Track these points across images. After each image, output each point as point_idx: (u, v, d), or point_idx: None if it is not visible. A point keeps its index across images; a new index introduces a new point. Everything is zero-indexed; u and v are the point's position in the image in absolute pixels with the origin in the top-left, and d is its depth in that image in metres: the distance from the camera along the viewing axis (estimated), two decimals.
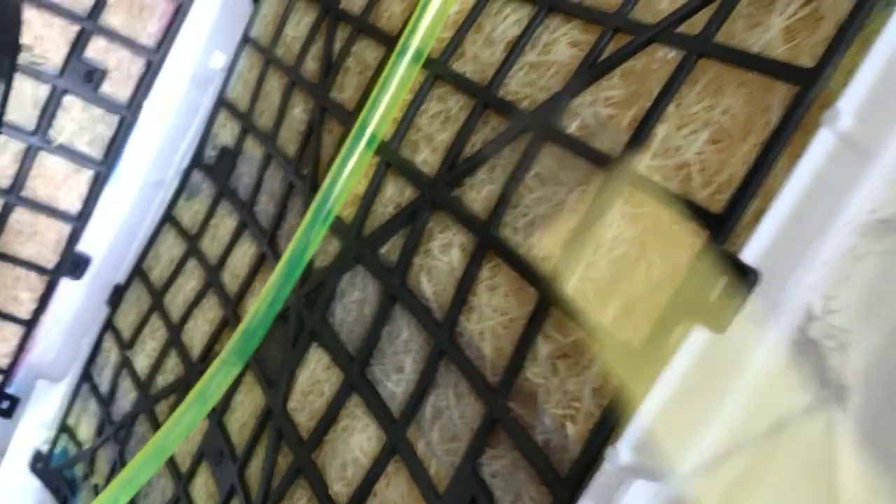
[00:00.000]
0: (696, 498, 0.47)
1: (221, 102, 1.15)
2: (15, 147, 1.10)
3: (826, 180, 0.46)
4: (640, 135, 0.55)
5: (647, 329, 0.50)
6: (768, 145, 0.48)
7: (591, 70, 0.62)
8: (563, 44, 0.67)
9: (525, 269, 0.60)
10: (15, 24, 0.54)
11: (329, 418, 0.73)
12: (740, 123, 0.51)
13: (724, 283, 0.47)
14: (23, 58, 0.83)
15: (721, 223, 0.49)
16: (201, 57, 1.16)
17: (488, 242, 0.64)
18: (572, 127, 0.62)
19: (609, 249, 0.55)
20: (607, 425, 0.50)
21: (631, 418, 0.48)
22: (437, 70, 0.77)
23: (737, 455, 0.48)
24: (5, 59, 0.53)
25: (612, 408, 0.50)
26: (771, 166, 0.48)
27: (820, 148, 0.46)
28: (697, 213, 0.50)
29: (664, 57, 0.59)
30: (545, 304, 0.57)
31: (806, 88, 0.48)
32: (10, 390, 1.16)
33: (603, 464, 0.48)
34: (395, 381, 0.69)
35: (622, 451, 0.47)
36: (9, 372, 1.15)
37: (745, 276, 0.46)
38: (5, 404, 1.15)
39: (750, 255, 0.47)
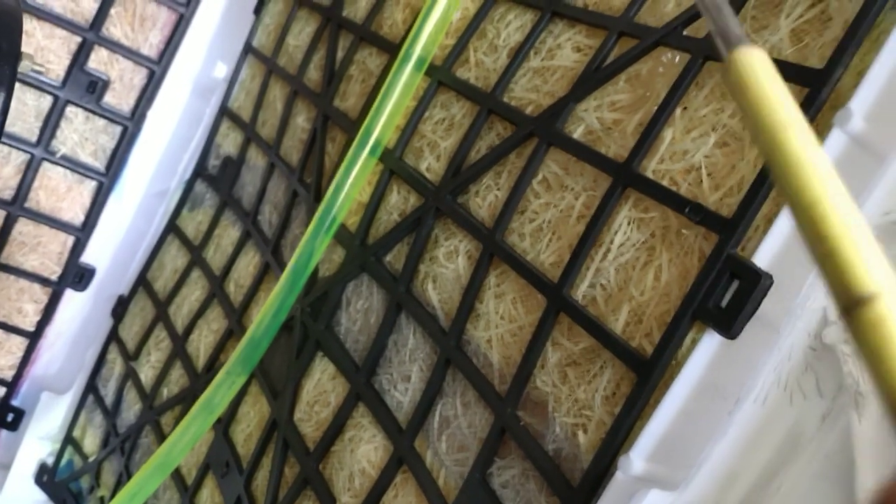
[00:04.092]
0: None
1: (224, 112, 1.15)
2: (18, 158, 1.10)
3: None
4: (646, 139, 0.55)
5: (657, 336, 0.50)
6: None
7: (595, 75, 0.62)
8: (567, 48, 0.67)
9: (532, 276, 0.59)
10: (15, 32, 0.53)
11: (335, 429, 0.73)
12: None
13: (735, 289, 0.47)
14: (23, 66, 0.83)
15: (732, 227, 0.48)
16: (203, 67, 1.15)
17: (494, 249, 0.63)
18: (578, 132, 0.61)
19: (617, 255, 0.55)
20: (619, 434, 0.49)
21: (644, 427, 0.47)
22: (441, 77, 0.76)
23: (753, 463, 0.47)
24: (6, 68, 0.53)
25: (624, 416, 0.49)
26: None
27: (832, 150, 0.45)
28: (707, 217, 0.50)
29: (670, 60, 0.58)
30: (554, 311, 0.56)
31: (816, 90, 0.48)
32: (15, 403, 1.15)
33: (615, 473, 0.47)
34: (402, 390, 0.69)
35: (635, 460, 0.46)
36: (13, 384, 1.15)
37: (757, 281, 0.45)
38: (10, 417, 1.15)
39: (762, 259, 0.46)
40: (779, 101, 0.23)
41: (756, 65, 0.24)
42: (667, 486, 0.46)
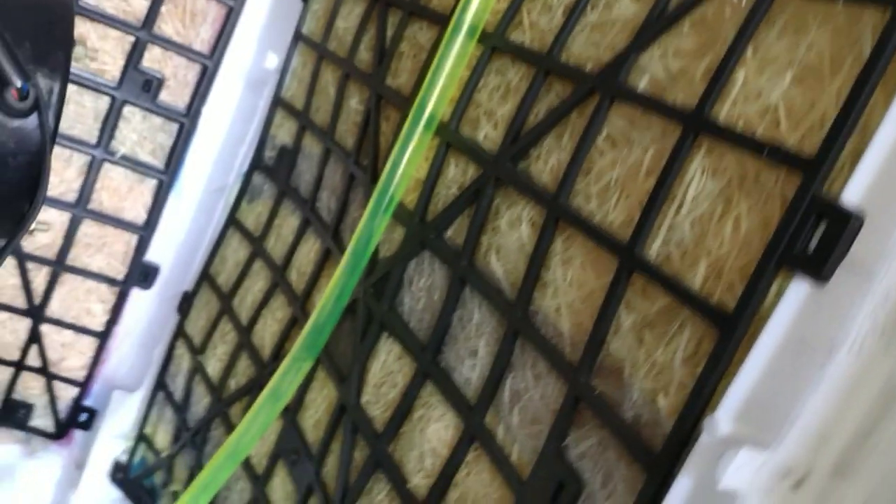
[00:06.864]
0: (807, 467, 0.43)
1: (277, 102, 1.14)
2: (79, 161, 1.10)
3: None
4: (717, 83, 0.52)
5: (739, 288, 0.47)
6: (861, 79, 0.44)
7: (658, 22, 0.59)
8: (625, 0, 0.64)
9: (602, 238, 0.57)
10: (67, 19, 0.53)
11: (404, 409, 0.71)
12: (828, 59, 0.47)
13: (823, 231, 0.43)
14: (78, 52, 0.83)
15: (815, 167, 0.45)
16: (255, 59, 1.15)
17: (559, 213, 0.61)
18: (642, 84, 0.58)
19: (691, 208, 0.52)
20: (703, 394, 0.46)
21: (729, 386, 0.44)
22: (494, 42, 0.74)
23: (848, 419, 0.44)
24: (60, 54, 0.52)
25: (707, 376, 0.46)
26: (866, 101, 0.44)
27: None
28: (788, 158, 0.46)
29: (736, 1, 0.55)
30: (626, 271, 0.54)
31: None
32: (87, 403, 1.17)
33: (700, 436, 0.44)
34: (470, 366, 0.67)
35: (721, 421, 0.43)
36: (85, 384, 1.16)
37: (846, 222, 0.42)
38: (83, 417, 1.16)
39: (851, 198, 0.43)
40: None
41: None
42: (756, 446, 0.43)
